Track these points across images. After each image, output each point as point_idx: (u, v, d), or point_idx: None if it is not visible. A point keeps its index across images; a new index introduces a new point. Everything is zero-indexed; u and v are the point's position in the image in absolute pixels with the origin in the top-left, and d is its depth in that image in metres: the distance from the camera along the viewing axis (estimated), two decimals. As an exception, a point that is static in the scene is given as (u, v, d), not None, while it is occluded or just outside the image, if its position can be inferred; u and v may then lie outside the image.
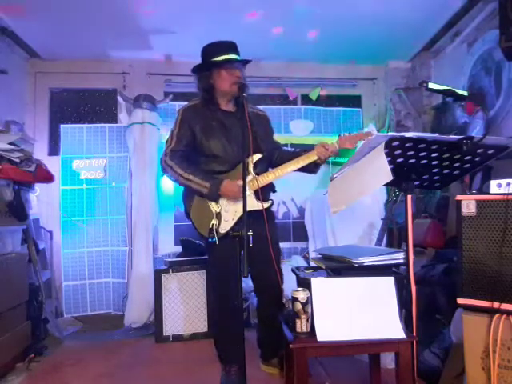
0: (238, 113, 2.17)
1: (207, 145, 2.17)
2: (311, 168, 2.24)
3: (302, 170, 2.24)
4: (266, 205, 2.13)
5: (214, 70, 2.17)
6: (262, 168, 2.23)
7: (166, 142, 2.23)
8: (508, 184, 1.53)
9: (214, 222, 2.09)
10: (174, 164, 2.13)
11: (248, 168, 2.12)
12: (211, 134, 2.17)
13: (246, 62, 2.23)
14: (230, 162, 2.16)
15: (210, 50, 2.20)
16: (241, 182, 1.88)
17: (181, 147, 2.18)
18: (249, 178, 2.13)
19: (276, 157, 2.35)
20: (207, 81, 2.20)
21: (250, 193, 2.11)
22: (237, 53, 2.20)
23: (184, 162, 2.16)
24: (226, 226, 2.11)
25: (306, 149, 2.25)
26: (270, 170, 2.25)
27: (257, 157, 2.17)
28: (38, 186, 3.10)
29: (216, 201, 2.13)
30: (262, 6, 3.05)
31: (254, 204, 2.10)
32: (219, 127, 2.18)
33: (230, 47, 2.18)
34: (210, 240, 2.06)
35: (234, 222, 2.11)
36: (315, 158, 2.16)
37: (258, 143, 2.17)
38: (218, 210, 2.13)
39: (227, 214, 2.12)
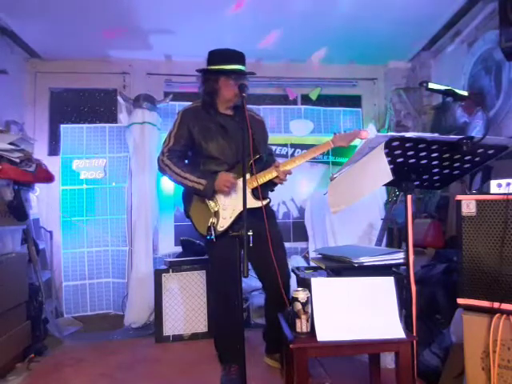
0: (236, 116, 2.26)
1: (205, 146, 2.21)
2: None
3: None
4: (264, 202, 2.15)
5: (221, 76, 2.21)
6: (258, 169, 2.25)
7: (164, 142, 2.28)
8: (508, 184, 1.53)
9: (212, 220, 2.12)
10: (171, 163, 2.19)
11: (247, 167, 2.13)
12: (209, 136, 2.22)
13: (251, 75, 2.28)
14: (228, 163, 2.21)
15: (220, 57, 2.22)
16: (233, 175, 2.07)
17: (178, 147, 2.24)
18: (247, 176, 2.15)
19: (265, 162, 2.38)
20: (212, 85, 2.24)
21: (247, 191, 2.12)
22: (244, 64, 2.24)
23: (181, 162, 2.23)
24: (224, 223, 2.14)
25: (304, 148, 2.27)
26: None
27: (254, 157, 2.18)
28: (38, 186, 3.09)
29: (212, 198, 2.17)
30: (262, 7, 3.05)
31: (251, 202, 2.12)
32: (217, 129, 2.23)
33: (240, 58, 2.23)
34: (208, 238, 2.08)
35: (231, 219, 2.15)
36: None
37: (255, 145, 2.20)
38: (216, 209, 2.17)
39: (225, 211, 2.16)
